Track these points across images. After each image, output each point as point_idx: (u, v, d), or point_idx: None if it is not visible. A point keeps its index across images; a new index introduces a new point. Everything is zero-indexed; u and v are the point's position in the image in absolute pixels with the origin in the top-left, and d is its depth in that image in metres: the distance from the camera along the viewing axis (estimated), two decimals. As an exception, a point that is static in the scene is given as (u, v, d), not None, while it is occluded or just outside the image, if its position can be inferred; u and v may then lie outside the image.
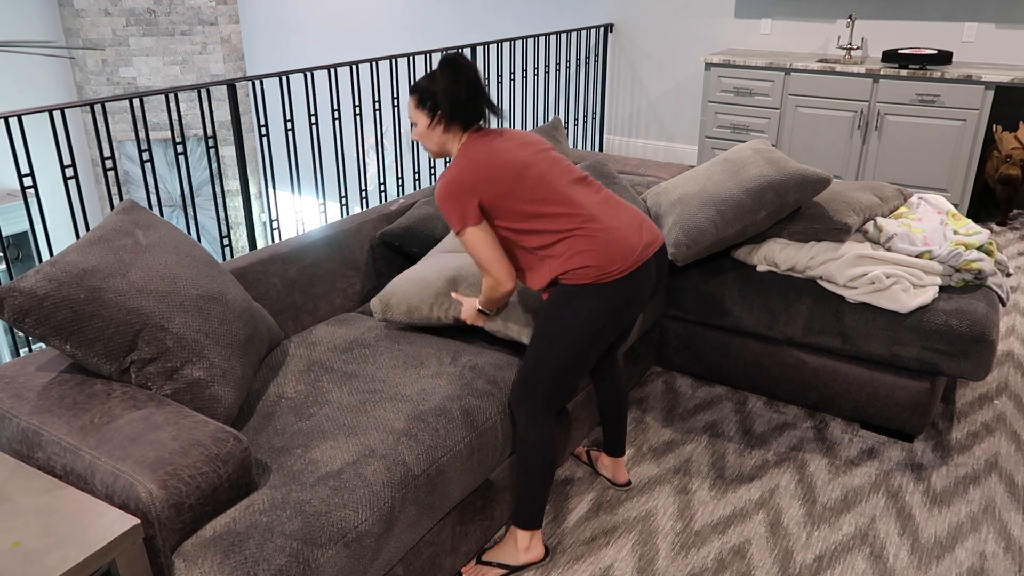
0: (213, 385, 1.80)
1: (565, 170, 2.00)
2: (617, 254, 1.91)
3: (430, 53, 4.57)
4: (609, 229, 1.92)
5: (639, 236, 1.96)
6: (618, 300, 1.93)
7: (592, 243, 1.91)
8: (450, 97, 1.93)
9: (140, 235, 1.93)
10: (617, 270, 1.91)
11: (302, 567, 1.49)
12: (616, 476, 2.43)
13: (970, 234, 2.72)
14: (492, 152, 1.93)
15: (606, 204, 1.98)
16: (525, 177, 1.92)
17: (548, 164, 1.98)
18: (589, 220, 1.93)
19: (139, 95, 3.27)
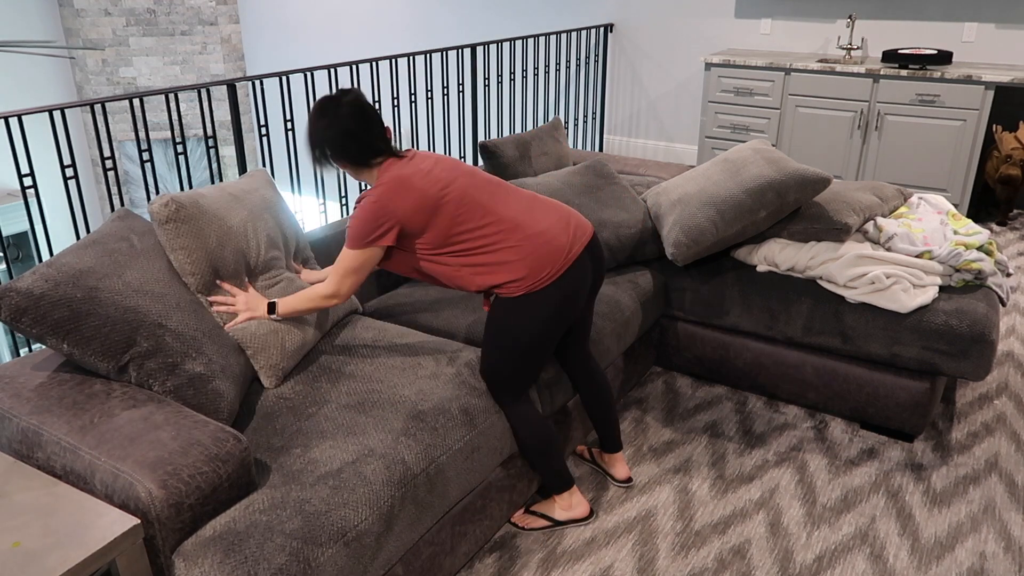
0: (214, 380, 1.80)
1: (483, 182, 2.01)
2: (546, 259, 1.94)
3: (430, 53, 4.57)
4: (535, 235, 1.95)
5: (566, 235, 1.99)
6: (556, 302, 1.97)
7: (519, 253, 1.94)
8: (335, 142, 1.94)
9: (135, 240, 1.94)
10: (548, 275, 1.94)
11: (302, 566, 1.49)
12: (616, 472, 2.44)
13: (970, 234, 2.72)
14: (411, 178, 1.92)
15: (530, 210, 2.00)
16: (446, 199, 1.93)
17: (466, 179, 1.98)
18: (514, 230, 1.95)
19: (139, 95, 3.28)
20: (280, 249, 2.24)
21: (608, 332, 2.52)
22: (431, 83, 4.91)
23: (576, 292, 2.00)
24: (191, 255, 1.96)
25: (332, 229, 2.73)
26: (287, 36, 7.87)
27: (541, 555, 2.16)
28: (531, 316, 1.96)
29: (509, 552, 2.17)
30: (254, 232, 2.13)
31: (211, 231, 2.00)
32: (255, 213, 2.18)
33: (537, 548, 2.19)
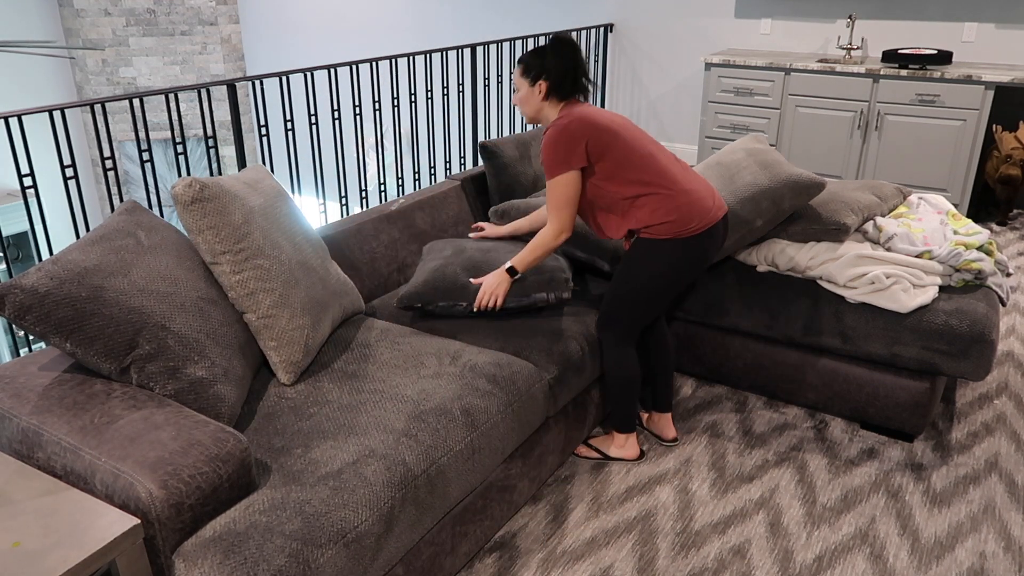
0: (216, 384, 1.80)
1: (650, 139, 2.27)
2: (695, 214, 2.18)
3: (430, 53, 4.57)
4: (688, 192, 2.19)
5: (712, 201, 2.24)
6: (692, 254, 2.20)
7: (673, 202, 2.16)
8: (557, 72, 2.22)
9: (142, 236, 1.93)
10: (694, 227, 2.18)
11: (302, 567, 1.49)
12: (663, 432, 2.62)
13: (970, 234, 2.72)
14: (593, 113, 2.19)
15: (684, 171, 2.25)
16: (620, 136, 2.18)
17: (634, 130, 2.24)
18: (672, 183, 2.18)
19: (139, 95, 3.28)
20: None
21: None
22: (431, 83, 4.91)
23: (707, 253, 2.23)
24: (219, 233, 1.96)
25: (332, 229, 2.73)
26: (287, 36, 7.87)
27: (541, 555, 2.16)
28: (668, 259, 2.19)
29: (509, 552, 2.18)
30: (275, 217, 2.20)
31: (235, 208, 2.00)
32: (269, 199, 2.21)
33: (537, 548, 2.19)
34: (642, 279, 2.23)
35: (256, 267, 2.01)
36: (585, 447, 2.56)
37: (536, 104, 2.27)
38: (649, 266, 2.21)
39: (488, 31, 6.73)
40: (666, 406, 2.61)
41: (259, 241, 2.04)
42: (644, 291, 2.25)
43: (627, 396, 2.41)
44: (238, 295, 1.99)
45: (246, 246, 2.00)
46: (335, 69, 4.02)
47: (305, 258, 2.22)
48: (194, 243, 1.99)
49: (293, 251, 2.18)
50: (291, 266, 2.12)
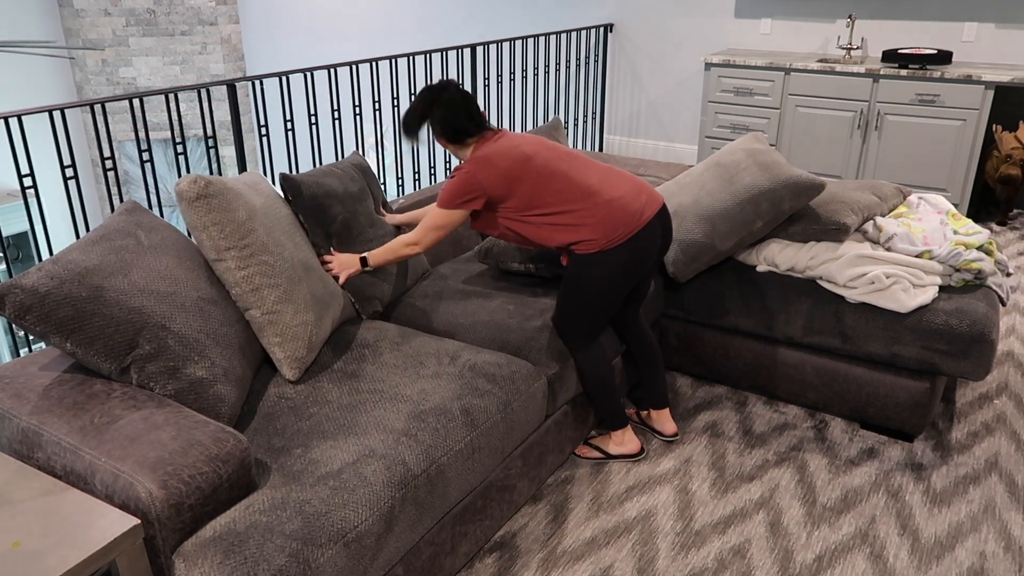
0: (216, 384, 1.80)
1: (564, 154, 2.27)
2: (619, 222, 2.18)
3: (430, 53, 4.57)
4: (610, 201, 2.19)
5: (638, 202, 2.23)
6: (626, 260, 2.21)
7: (595, 216, 2.18)
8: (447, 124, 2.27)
9: (142, 236, 1.93)
10: (621, 235, 2.18)
11: (302, 567, 1.49)
12: (664, 428, 2.64)
13: (970, 234, 2.72)
14: (495, 157, 2.21)
15: (606, 179, 2.24)
16: (528, 170, 2.20)
17: (548, 151, 2.26)
18: (591, 195, 2.20)
19: (139, 95, 3.28)
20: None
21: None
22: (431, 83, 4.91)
23: (646, 253, 2.25)
24: (224, 229, 1.96)
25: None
26: (287, 36, 7.87)
27: (541, 555, 2.16)
28: (602, 272, 2.22)
29: (509, 552, 2.18)
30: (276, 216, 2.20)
31: (239, 205, 2.01)
32: (269, 200, 2.21)
33: (537, 548, 2.19)
34: (585, 291, 2.26)
35: (261, 263, 2.01)
36: (586, 447, 2.57)
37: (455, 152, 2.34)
38: (589, 279, 2.24)
39: (488, 31, 6.73)
40: (661, 402, 2.62)
41: (263, 238, 2.04)
42: (590, 302, 2.27)
43: (607, 394, 2.42)
44: (243, 291, 1.99)
45: (251, 242, 2.00)
46: (335, 69, 4.02)
47: (305, 257, 2.23)
48: (197, 240, 1.99)
49: (294, 249, 2.18)
50: (294, 264, 2.12)
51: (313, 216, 2.39)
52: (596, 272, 2.21)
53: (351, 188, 2.54)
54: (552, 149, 2.27)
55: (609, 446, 2.54)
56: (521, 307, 2.55)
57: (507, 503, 2.19)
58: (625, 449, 2.53)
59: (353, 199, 2.52)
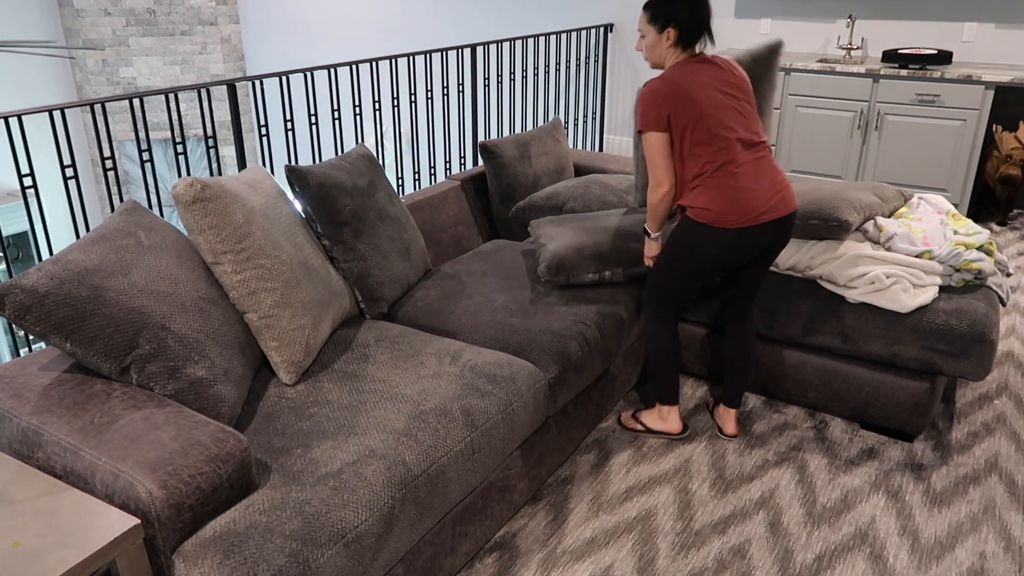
0: (216, 384, 1.80)
1: (742, 125, 2.28)
2: (737, 210, 2.23)
3: (430, 53, 4.57)
4: (742, 188, 2.24)
5: (767, 201, 2.26)
6: (726, 245, 2.27)
7: (722, 193, 2.24)
8: (685, 21, 2.26)
9: (142, 236, 1.93)
10: (731, 221, 2.24)
11: (302, 567, 1.49)
12: (724, 426, 2.68)
13: (970, 234, 2.72)
14: (692, 82, 2.24)
15: (755, 166, 2.28)
16: (704, 115, 2.23)
17: (728, 113, 2.27)
18: (730, 175, 2.24)
19: (139, 95, 3.28)
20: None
21: (610, 332, 2.52)
22: (431, 83, 4.91)
23: (744, 249, 2.30)
24: (220, 233, 1.96)
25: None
26: (287, 36, 7.87)
27: (541, 555, 2.16)
28: (700, 243, 2.29)
29: (509, 552, 2.18)
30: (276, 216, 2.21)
31: (236, 208, 2.00)
32: (270, 199, 2.21)
33: (537, 548, 2.19)
34: (679, 254, 2.36)
35: (258, 267, 2.01)
36: (632, 419, 2.69)
37: (663, 52, 2.33)
38: (686, 244, 2.33)
39: (488, 31, 6.73)
40: (731, 401, 2.66)
41: (260, 241, 2.04)
42: (676, 268, 2.38)
43: (664, 369, 2.53)
44: (239, 295, 1.99)
45: (247, 246, 2.00)
46: (335, 69, 4.03)
47: (306, 258, 2.22)
48: (195, 243, 1.99)
49: (294, 251, 2.18)
50: (292, 266, 2.12)
51: (321, 206, 2.39)
52: (695, 241, 2.30)
53: (359, 182, 2.53)
54: (735, 113, 2.27)
55: (653, 420, 2.64)
56: (523, 307, 2.55)
57: (507, 503, 2.19)
58: (667, 427, 2.63)
59: (362, 193, 2.51)
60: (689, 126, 2.23)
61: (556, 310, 2.53)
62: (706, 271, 2.36)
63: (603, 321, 2.52)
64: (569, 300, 2.60)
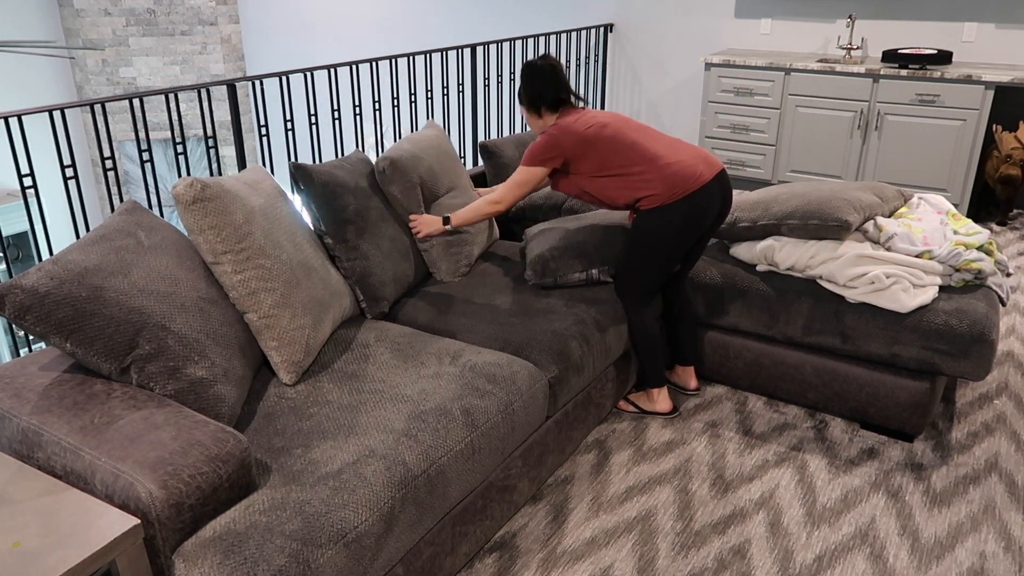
0: (216, 384, 1.80)
1: (636, 127, 2.52)
2: (680, 181, 2.42)
3: (430, 53, 4.57)
4: (670, 163, 2.44)
5: (698, 168, 2.45)
6: (684, 214, 2.43)
7: (658, 176, 2.43)
8: (536, 94, 2.55)
9: (142, 236, 1.93)
10: (679, 192, 2.42)
11: (302, 567, 1.49)
12: (687, 383, 2.91)
13: (970, 234, 2.72)
14: (576, 126, 2.46)
15: (670, 147, 2.49)
16: (601, 137, 2.45)
17: (621, 123, 2.50)
18: (655, 159, 2.44)
19: (139, 95, 3.28)
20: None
21: (610, 332, 2.52)
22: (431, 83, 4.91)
23: (703, 210, 2.46)
24: (220, 233, 1.96)
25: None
26: (287, 36, 7.87)
27: (541, 555, 2.16)
28: (663, 225, 2.45)
29: (509, 552, 2.18)
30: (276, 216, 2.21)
31: (236, 208, 2.01)
32: (270, 199, 2.22)
33: (537, 548, 2.19)
34: (647, 244, 2.48)
35: (258, 267, 2.01)
36: (624, 401, 2.82)
37: (541, 124, 2.59)
38: (651, 232, 2.47)
39: (488, 31, 6.73)
40: (688, 359, 2.86)
41: (260, 241, 2.04)
42: (651, 256, 2.50)
43: (650, 354, 2.64)
44: (239, 295, 1.99)
45: (247, 246, 2.00)
46: (335, 69, 4.02)
47: (306, 258, 2.22)
48: (195, 243, 1.99)
49: (294, 251, 2.18)
50: (292, 266, 2.12)
51: (326, 204, 2.40)
52: (658, 225, 2.45)
53: (361, 183, 2.55)
54: (625, 121, 2.52)
55: (645, 403, 2.78)
56: (523, 307, 2.55)
57: (507, 503, 2.19)
58: (659, 407, 2.76)
59: (364, 193, 2.53)
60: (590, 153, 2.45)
61: (556, 310, 2.53)
62: (675, 250, 2.50)
63: (603, 321, 2.52)
64: (569, 300, 2.60)
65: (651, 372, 2.70)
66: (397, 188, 2.62)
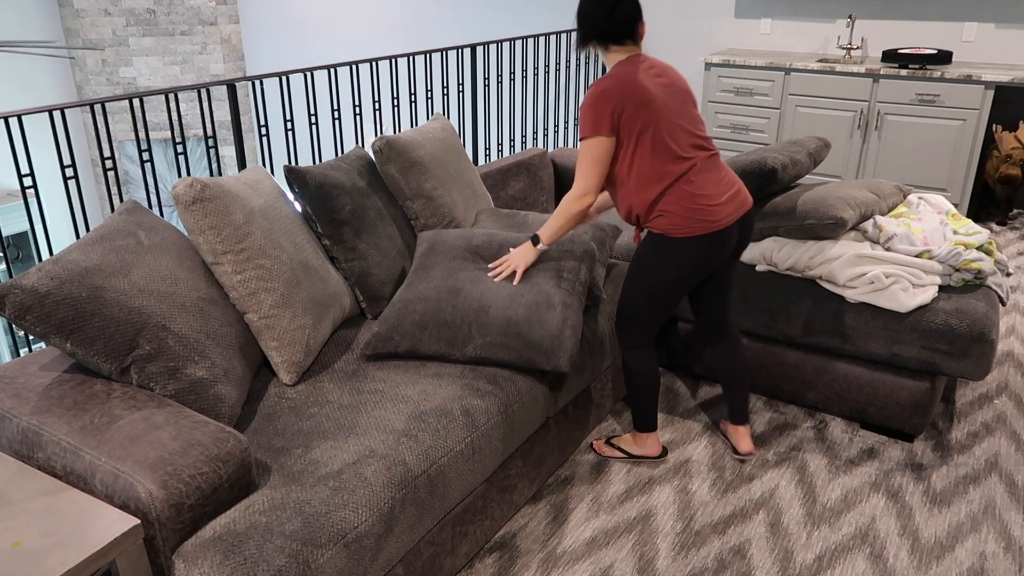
0: (216, 385, 1.80)
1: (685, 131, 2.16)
2: (701, 219, 2.13)
3: (429, 53, 4.57)
4: (700, 196, 2.13)
5: (727, 203, 2.17)
6: (699, 253, 2.16)
7: (680, 203, 2.12)
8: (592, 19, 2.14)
9: (142, 236, 1.93)
10: (699, 229, 2.14)
11: (302, 568, 1.49)
12: (737, 445, 2.54)
13: (970, 234, 2.72)
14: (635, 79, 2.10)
15: (707, 169, 2.17)
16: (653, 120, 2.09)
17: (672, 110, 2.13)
18: (688, 183, 2.13)
19: (139, 95, 3.28)
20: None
21: (609, 332, 2.52)
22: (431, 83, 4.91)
23: (718, 253, 2.19)
24: (220, 233, 1.96)
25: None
26: (287, 36, 7.87)
27: (541, 555, 2.16)
28: (672, 259, 2.17)
29: (509, 552, 2.18)
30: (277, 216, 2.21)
31: (236, 208, 2.01)
32: (270, 199, 2.22)
33: (537, 548, 2.19)
34: (651, 277, 2.22)
35: (258, 267, 2.01)
36: (607, 447, 2.57)
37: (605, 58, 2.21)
38: (657, 261, 2.19)
39: (488, 31, 6.73)
40: (739, 418, 2.54)
41: (260, 241, 2.04)
42: (652, 286, 2.23)
43: (647, 397, 2.41)
44: (240, 295, 1.99)
45: (247, 246, 2.00)
46: (335, 69, 4.03)
47: (306, 258, 2.22)
48: (195, 243, 1.99)
49: (294, 251, 2.18)
50: (292, 266, 2.12)
51: (320, 206, 2.39)
52: (669, 256, 2.16)
53: (358, 183, 2.53)
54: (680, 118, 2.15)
55: (631, 446, 2.54)
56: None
57: (507, 503, 2.19)
58: (647, 451, 2.52)
59: (361, 193, 2.51)
60: (643, 129, 2.09)
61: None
62: (684, 286, 2.22)
63: (603, 321, 2.52)
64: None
65: (644, 416, 2.46)
66: (395, 167, 2.57)
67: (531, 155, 3.49)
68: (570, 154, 3.73)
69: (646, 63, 2.16)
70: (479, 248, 2.37)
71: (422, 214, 2.65)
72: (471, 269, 2.30)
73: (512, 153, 5.12)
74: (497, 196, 3.29)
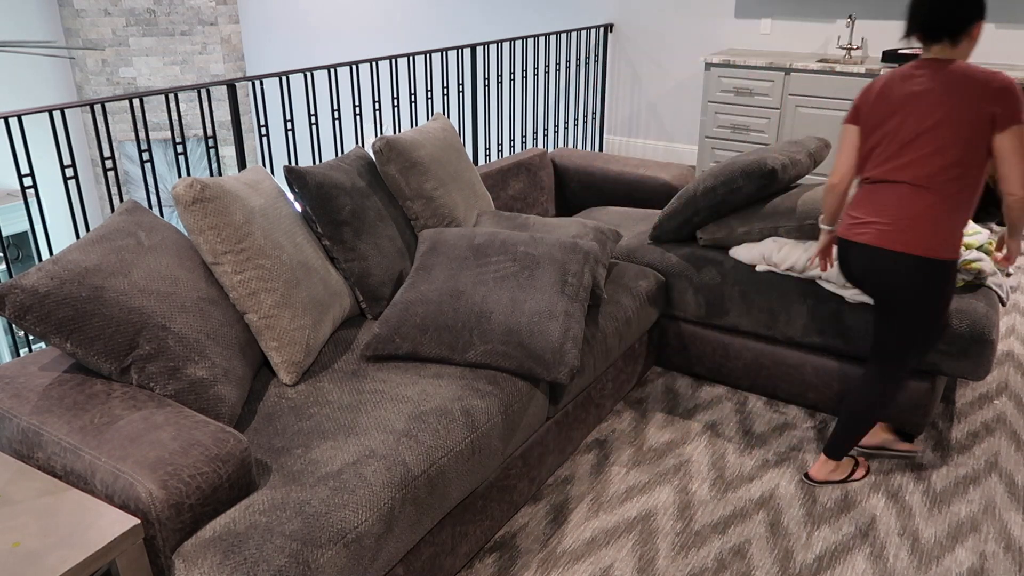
0: (216, 385, 1.80)
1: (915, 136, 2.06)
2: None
3: (430, 53, 4.57)
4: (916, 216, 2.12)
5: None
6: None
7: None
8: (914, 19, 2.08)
9: (142, 236, 1.93)
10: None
11: (302, 568, 1.49)
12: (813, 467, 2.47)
13: (970, 234, 2.72)
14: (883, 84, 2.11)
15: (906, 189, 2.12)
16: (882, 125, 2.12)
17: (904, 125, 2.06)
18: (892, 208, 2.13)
19: (139, 95, 3.28)
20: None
21: (610, 332, 2.52)
22: (431, 83, 4.91)
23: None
24: (220, 233, 1.96)
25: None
26: (287, 36, 7.87)
27: (541, 555, 2.16)
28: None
29: (509, 552, 2.18)
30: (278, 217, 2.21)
31: (236, 208, 2.01)
32: (270, 199, 2.22)
33: (537, 548, 2.19)
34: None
35: (258, 267, 2.01)
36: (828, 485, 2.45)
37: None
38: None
39: (488, 31, 6.73)
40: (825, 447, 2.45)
41: (260, 241, 2.04)
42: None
43: (865, 428, 2.33)
44: (240, 295, 1.99)
45: (247, 246, 2.00)
46: (335, 69, 4.03)
47: (306, 258, 2.22)
48: (195, 243, 1.99)
49: (294, 251, 2.18)
50: (292, 266, 2.12)
51: (320, 206, 2.39)
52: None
53: (358, 183, 2.53)
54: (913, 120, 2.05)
55: (845, 474, 2.45)
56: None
57: (507, 503, 2.19)
58: (859, 473, 2.46)
59: (361, 193, 2.51)
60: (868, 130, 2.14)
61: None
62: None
63: (603, 321, 2.52)
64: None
65: (850, 444, 2.36)
66: (395, 167, 2.58)
67: (531, 155, 3.49)
68: (570, 154, 3.73)
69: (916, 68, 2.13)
70: (481, 248, 2.38)
71: (422, 214, 2.65)
72: (472, 269, 2.30)
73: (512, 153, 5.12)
74: (497, 196, 3.29)
